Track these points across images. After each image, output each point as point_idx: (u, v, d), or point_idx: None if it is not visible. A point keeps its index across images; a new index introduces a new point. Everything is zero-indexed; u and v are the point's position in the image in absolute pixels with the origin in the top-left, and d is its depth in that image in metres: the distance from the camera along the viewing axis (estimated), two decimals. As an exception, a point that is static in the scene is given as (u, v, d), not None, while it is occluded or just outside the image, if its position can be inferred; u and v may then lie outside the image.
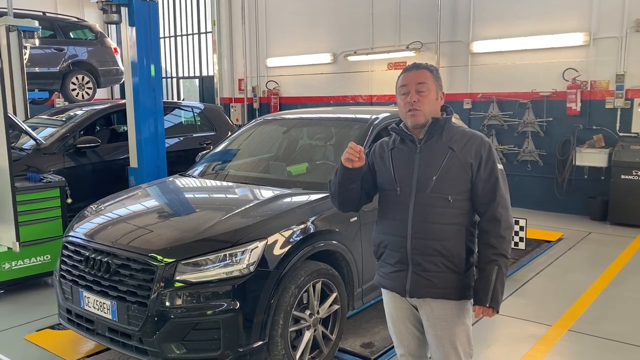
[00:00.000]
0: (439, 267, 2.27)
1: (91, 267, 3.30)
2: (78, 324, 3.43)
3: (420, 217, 2.28)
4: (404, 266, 2.33)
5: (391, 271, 2.38)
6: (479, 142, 2.32)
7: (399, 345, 2.55)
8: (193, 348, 3.01)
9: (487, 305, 2.26)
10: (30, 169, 5.62)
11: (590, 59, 7.67)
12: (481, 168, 2.28)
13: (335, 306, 3.55)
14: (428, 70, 2.35)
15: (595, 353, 3.78)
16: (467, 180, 2.28)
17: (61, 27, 10.43)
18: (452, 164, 2.27)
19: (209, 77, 13.24)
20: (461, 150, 2.29)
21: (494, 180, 2.28)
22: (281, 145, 4.83)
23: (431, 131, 2.32)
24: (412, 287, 2.32)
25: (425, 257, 2.28)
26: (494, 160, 2.31)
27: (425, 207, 2.28)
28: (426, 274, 2.29)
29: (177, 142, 7.16)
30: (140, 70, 6.00)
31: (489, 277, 2.25)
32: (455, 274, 2.29)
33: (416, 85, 2.31)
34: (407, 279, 2.32)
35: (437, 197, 2.26)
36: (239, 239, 3.15)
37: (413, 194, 2.30)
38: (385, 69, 9.84)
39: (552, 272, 5.48)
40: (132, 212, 3.82)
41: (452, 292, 2.30)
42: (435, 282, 2.28)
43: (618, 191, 7.25)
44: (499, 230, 2.27)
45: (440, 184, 2.26)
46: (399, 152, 2.40)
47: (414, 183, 2.31)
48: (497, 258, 2.26)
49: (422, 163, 2.31)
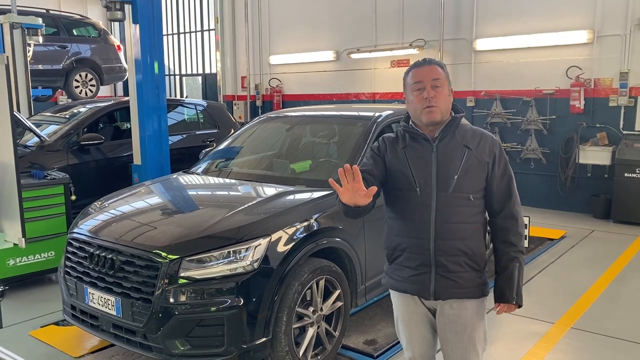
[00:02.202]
0: (462, 267, 2.26)
1: (96, 263, 3.31)
2: (82, 320, 3.44)
3: (444, 217, 2.23)
4: (427, 268, 2.27)
5: (412, 274, 2.30)
6: (490, 140, 2.32)
7: (409, 349, 2.47)
8: (197, 344, 3.03)
9: (513, 302, 2.30)
10: (34, 166, 5.64)
11: (594, 56, 7.65)
12: (495, 166, 2.28)
13: (339, 303, 3.56)
14: (439, 66, 2.31)
15: (598, 351, 3.78)
16: (484, 178, 2.28)
17: (65, 24, 10.46)
18: (470, 163, 2.25)
19: (211, 74, 13.25)
20: (477, 148, 2.27)
21: (508, 178, 2.30)
22: (284, 142, 4.84)
23: (446, 130, 2.28)
24: (437, 289, 2.27)
25: (449, 257, 2.24)
26: (506, 158, 2.32)
27: (447, 207, 2.24)
28: (451, 274, 2.25)
29: (180, 140, 7.17)
30: (144, 67, 6.01)
31: (512, 274, 2.28)
32: (477, 272, 2.30)
33: (432, 80, 2.24)
34: (431, 282, 2.27)
35: (459, 196, 2.23)
36: (243, 236, 3.16)
37: (434, 194, 2.24)
38: (388, 67, 9.83)
39: (555, 270, 5.48)
40: (136, 209, 3.84)
41: (475, 291, 2.30)
42: (461, 283, 2.27)
43: (621, 189, 7.23)
44: (517, 227, 2.29)
45: (461, 183, 2.23)
46: (414, 151, 2.31)
47: (433, 183, 2.24)
48: (518, 255, 2.29)
49: (440, 162, 2.26)
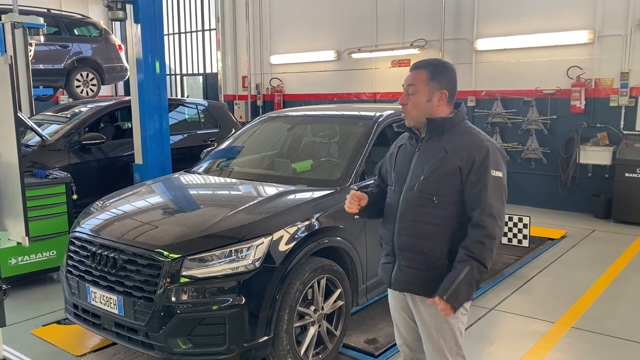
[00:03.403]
0: (420, 264, 2.31)
1: (98, 262, 3.32)
2: (84, 319, 3.45)
3: (406, 214, 2.34)
4: (392, 259, 2.42)
5: (383, 262, 2.51)
6: (475, 146, 2.26)
7: (398, 335, 2.64)
8: (199, 343, 3.04)
9: (444, 297, 2.15)
10: (36, 165, 5.66)
11: (594, 56, 7.65)
12: (471, 173, 2.22)
13: (340, 302, 3.57)
14: (426, 69, 2.34)
15: (598, 350, 3.79)
16: (456, 182, 2.24)
17: (66, 24, 10.47)
18: (440, 165, 2.26)
19: (212, 74, 13.25)
20: (453, 152, 2.26)
21: (482, 186, 2.21)
22: (285, 142, 4.85)
23: (430, 130, 2.33)
24: (394, 281, 2.42)
25: (407, 253, 2.34)
26: (487, 166, 2.23)
27: (410, 205, 2.33)
28: (407, 269, 2.35)
29: (181, 139, 7.18)
30: (145, 67, 6.02)
31: (456, 273, 2.18)
32: (436, 274, 2.26)
33: (406, 86, 2.37)
34: (393, 272, 2.41)
35: (422, 196, 2.28)
36: (245, 235, 3.17)
37: (403, 191, 2.36)
38: (389, 67, 9.83)
39: (556, 269, 5.49)
40: (137, 208, 3.85)
41: (431, 291, 2.24)
42: (414, 280, 2.34)
43: (622, 189, 7.24)
44: (479, 236, 2.19)
45: (426, 184, 2.27)
46: (404, 150, 2.46)
47: (406, 181, 2.36)
48: (470, 260, 2.18)
49: (417, 162, 2.35)
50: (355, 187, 3.67)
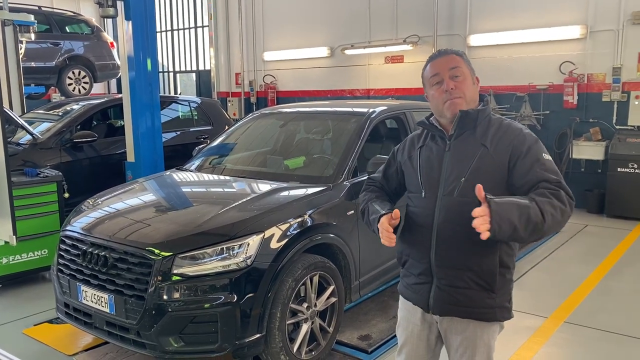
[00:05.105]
0: (467, 283, 1.98)
1: (89, 261, 3.30)
2: (76, 318, 3.43)
3: (446, 224, 1.99)
4: (428, 278, 2.06)
5: (414, 282, 2.12)
6: (516, 134, 1.99)
7: (402, 356, 2.27)
8: (191, 341, 3.02)
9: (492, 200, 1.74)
10: (27, 163, 5.61)
11: (587, 52, 7.67)
12: (520, 162, 1.94)
13: (333, 299, 3.56)
14: (457, 54, 2.08)
15: (591, 344, 3.80)
16: (503, 181, 1.96)
17: (57, 21, 10.39)
18: (482, 164, 1.97)
19: (205, 71, 13.21)
20: (494, 146, 1.98)
21: (539, 166, 1.91)
22: (278, 138, 4.83)
23: (462, 125, 2.02)
24: (434, 303, 2.05)
25: (451, 270, 1.99)
26: (537, 150, 1.95)
27: (452, 213, 1.97)
28: (451, 290, 2.00)
29: (174, 137, 7.15)
30: (137, 64, 5.98)
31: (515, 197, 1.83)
32: (486, 292, 1.99)
33: (449, 70, 2.02)
34: (431, 294, 2.05)
35: (466, 201, 1.89)
36: (236, 232, 3.15)
37: (439, 198, 2.01)
38: (382, 63, 9.82)
39: (549, 264, 5.50)
40: (129, 206, 3.82)
41: (481, 313, 2.00)
42: (461, 300, 2.00)
43: (615, 184, 7.27)
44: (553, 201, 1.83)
45: (468, 186, 1.91)
46: (428, 151, 2.12)
47: (440, 185, 2.02)
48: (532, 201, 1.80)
49: (450, 163, 2.02)
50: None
